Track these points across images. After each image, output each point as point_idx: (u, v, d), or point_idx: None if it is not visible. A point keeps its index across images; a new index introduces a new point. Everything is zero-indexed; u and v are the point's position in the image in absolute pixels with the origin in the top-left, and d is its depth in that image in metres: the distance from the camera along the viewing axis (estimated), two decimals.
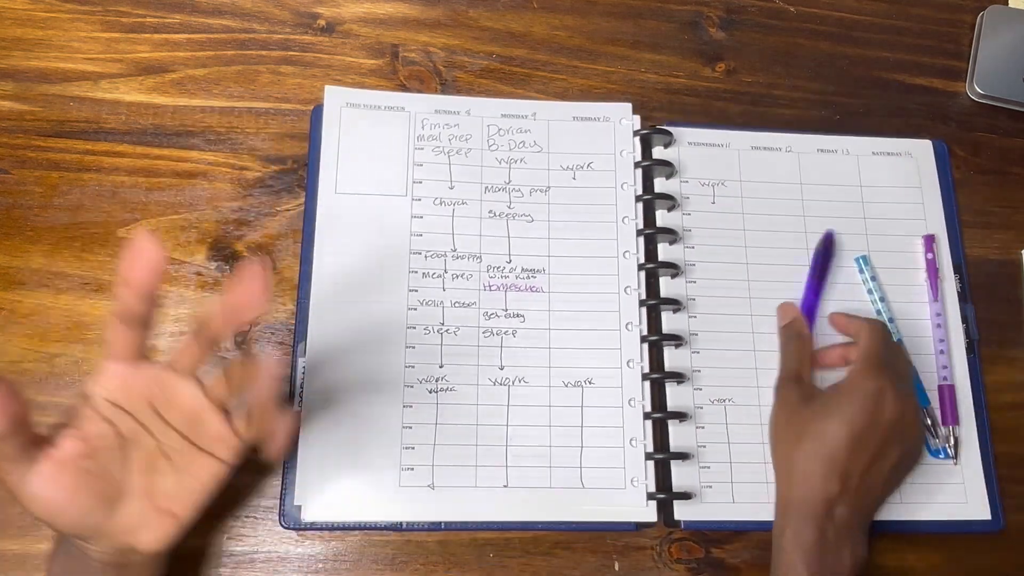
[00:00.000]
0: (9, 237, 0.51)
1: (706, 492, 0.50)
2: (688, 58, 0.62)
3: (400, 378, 0.50)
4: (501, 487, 0.49)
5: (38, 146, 0.53)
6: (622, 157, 0.57)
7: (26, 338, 0.50)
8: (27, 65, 0.55)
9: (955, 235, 0.58)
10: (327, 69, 0.58)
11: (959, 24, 0.66)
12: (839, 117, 0.62)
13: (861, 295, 0.56)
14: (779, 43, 0.63)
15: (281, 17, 0.59)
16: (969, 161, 0.62)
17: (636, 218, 0.55)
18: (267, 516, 0.48)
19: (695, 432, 0.51)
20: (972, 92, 0.63)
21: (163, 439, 0.39)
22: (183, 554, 0.46)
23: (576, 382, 0.51)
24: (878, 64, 0.64)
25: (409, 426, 0.49)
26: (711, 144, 0.58)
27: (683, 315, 0.54)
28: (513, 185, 0.55)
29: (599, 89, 0.60)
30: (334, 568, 0.48)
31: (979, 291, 0.58)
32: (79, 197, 0.53)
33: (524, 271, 0.53)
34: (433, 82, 0.59)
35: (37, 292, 0.51)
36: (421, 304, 0.52)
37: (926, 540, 0.52)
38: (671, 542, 0.50)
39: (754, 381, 0.53)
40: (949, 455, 0.53)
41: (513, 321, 0.52)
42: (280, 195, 0.54)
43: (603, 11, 0.62)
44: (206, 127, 0.55)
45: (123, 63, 0.56)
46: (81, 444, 0.37)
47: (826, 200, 0.58)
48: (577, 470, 0.49)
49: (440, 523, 0.48)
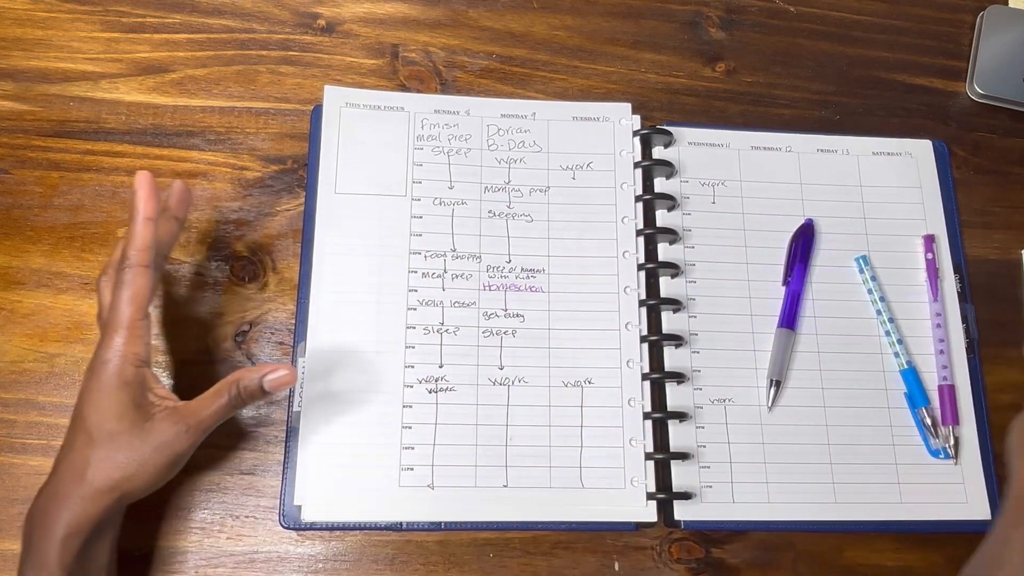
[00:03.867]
0: (9, 237, 0.51)
1: (706, 492, 0.50)
2: (688, 58, 0.62)
3: (400, 378, 0.50)
4: (501, 487, 0.49)
5: (38, 146, 0.53)
6: (622, 157, 0.57)
7: (26, 338, 0.50)
8: (27, 65, 0.55)
9: (955, 235, 0.58)
10: (327, 69, 0.58)
11: (959, 24, 0.66)
12: (839, 117, 0.62)
13: (861, 295, 0.56)
14: (779, 43, 0.63)
15: (281, 17, 0.59)
16: (969, 161, 0.62)
17: (636, 218, 0.55)
18: (267, 516, 0.48)
19: (695, 432, 0.51)
20: (972, 92, 0.63)
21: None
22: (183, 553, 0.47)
23: (576, 382, 0.51)
24: (878, 64, 0.64)
25: (409, 426, 0.49)
26: (711, 144, 0.58)
27: (683, 315, 0.54)
28: (513, 185, 0.55)
29: (599, 89, 0.60)
30: (334, 568, 0.48)
31: (979, 291, 0.58)
32: (79, 197, 0.53)
33: (524, 271, 0.53)
34: (433, 82, 0.59)
35: (37, 292, 0.51)
36: (421, 304, 0.52)
37: (926, 540, 0.52)
38: (671, 542, 0.50)
39: (754, 381, 0.53)
40: (949, 455, 0.53)
41: (513, 321, 0.52)
42: (280, 195, 0.54)
43: (603, 11, 0.62)
44: (206, 127, 0.55)
45: (123, 63, 0.56)
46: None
47: (826, 200, 0.58)
48: (577, 470, 0.49)
49: (440, 523, 0.48)
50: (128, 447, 0.40)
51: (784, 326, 0.54)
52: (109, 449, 0.39)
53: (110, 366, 0.40)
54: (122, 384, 0.40)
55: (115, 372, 0.40)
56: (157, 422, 0.40)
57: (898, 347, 0.54)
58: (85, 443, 0.40)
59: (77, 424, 0.41)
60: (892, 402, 0.53)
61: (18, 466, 0.47)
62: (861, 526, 0.51)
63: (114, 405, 0.40)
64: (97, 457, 0.39)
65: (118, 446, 0.40)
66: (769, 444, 0.52)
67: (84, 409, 0.40)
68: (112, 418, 0.40)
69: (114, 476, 0.39)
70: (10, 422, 0.48)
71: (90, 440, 0.40)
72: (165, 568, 0.46)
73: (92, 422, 0.40)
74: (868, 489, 0.51)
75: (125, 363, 0.40)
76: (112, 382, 0.40)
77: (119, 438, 0.40)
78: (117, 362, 0.40)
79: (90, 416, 0.40)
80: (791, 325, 0.54)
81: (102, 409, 0.40)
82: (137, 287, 0.41)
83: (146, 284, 0.42)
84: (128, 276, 0.41)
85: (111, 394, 0.40)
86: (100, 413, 0.40)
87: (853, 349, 0.54)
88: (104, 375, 0.40)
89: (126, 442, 0.40)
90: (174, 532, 0.47)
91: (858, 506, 0.51)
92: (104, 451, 0.39)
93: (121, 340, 0.41)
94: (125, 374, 0.40)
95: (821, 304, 0.55)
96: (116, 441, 0.40)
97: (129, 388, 0.40)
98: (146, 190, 0.42)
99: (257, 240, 0.53)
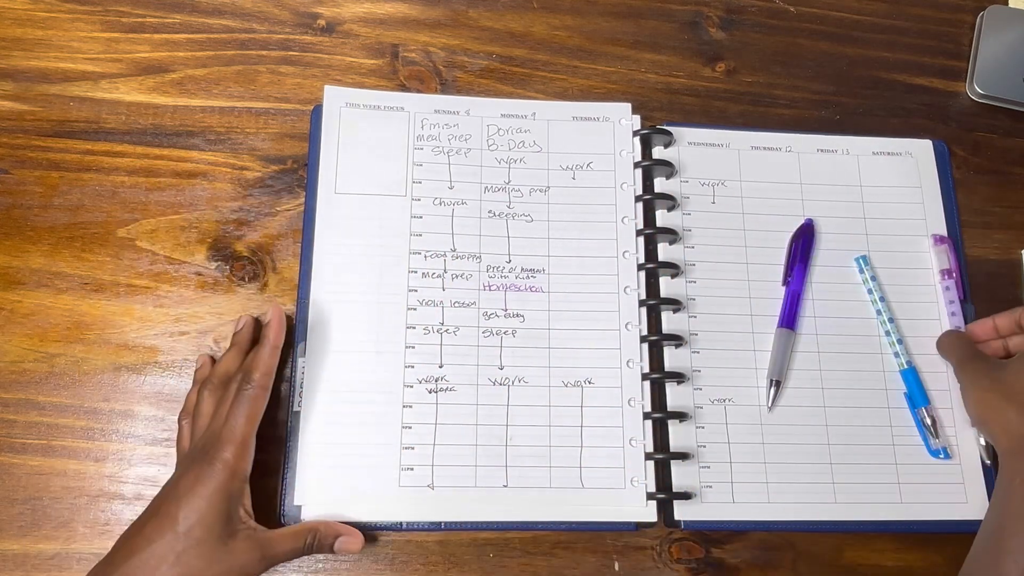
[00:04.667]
0: (9, 237, 0.51)
1: (706, 492, 0.50)
2: (688, 58, 0.62)
3: (400, 378, 0.50)
4: (501, 487, 0.49)
5: (38, 146, 0.53)
6: (622, 157, 0.57)
7: (26, 338, 0.50)
8: (27, 65, 0.55)
9: (955, 235, 0.58)
10: (327, 69, 0.58)
11: (959, 24, 0.66)
12: (839, 117, 0.62)
13: (861, 295, 0.56)
14: (779, 43, 0.63)
15: (281, 17, 0.59)
16: (969, 161, 0.62)
17: (636, 218, 0.55)
18: (267, 516, 0.48)
19: (695, 432, 0.51)
20: (972, 92, 0.63)
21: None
22: None
23: (576, 382, 0.51)
24: (878, 64, 0.64)
25: (409, 426, 0.49)
26: (711, 144, 0.58)
27: (683, 315, 0.54)
28: (513, 185, 0.55)
29: (599, 89, 0.60)
30: (334, 568, 0.48)
31: (979, 291, 0.58)
32: (79, 197, 0.53)
33: (524, 271, 0.53)
34: (433, 82, 0.59)
35: (37, 292, 0.51)
36: (421, 304, 0.52)
37: (926, 540, 0.52)
38: (671, 542, 0.50)
39: (754, 381, 0.53)
40: (949, 455, 0.53)
41: (513, 321, 0.52)
42: (280, 195, 0.54)
43: (603, 11, 0.62)
44: (206, 127, 0.55)
45: (123, 63, 0.56)
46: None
47: (826, 200, 0.58)
48: (577, 470, 0.49)
49: (440, 523, 0.48)
50: (208, 558, 0.41)
51: (784, 326, 0.54)
52: (191, 556, 0.40)
53: (220, 477, 0.42)
54: (226, 496, 0.42)
55: (223, 484, 0.42)
56: (239, 542, 0.42)
57: (898, 347, 0.54)
58: (172, 539, 0.40)
59: (165, 519, 0.41)
60: (892, 402, 0.53)
61: (18, 466, 0.47)
62: (861, 526, 0.51)
63: (210, 514, 0.41)
64: (178, 559, 0.40)
65: (199, 554, 0.40)
66: (769, 444, 0.52)
67: (176, 507, 0.41)
68: (204, 526, 0.41)
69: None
70: (10, 422, 0.48)
71: (176, 538, 0.40)
72: None
73: (183, 523, 0.41)
74: (868, 489, 0.51)
75: (234, 477, 0.42)
76: (218, 492, 0.41)
77: (203, 547, 0.41)
78: (227, 474, 0.42)
79: (183, 517, 0.41)
80: (791, 325, 0.54)
81: (199, 514, 0.41)
82: (256, 408, 0.44)
83: (262, 406, 0.45)
84: (249, 395, 0.44)
85: (213, 503, 0.41)
86: (195, 517, 0.41)
87: (853, 349, 0.54)
88: (211, 483, 0.42)
89: (207, 553, 0.41)
90: None
91: (858, 506, 0.51)
92: (187, 555, 0.40)
93: (232, 454, 0.42)
94: (232, 488, 0.42)
95: (821, 304, 0.55)
96: (200, 548, 0.40)
97: (231, 501, 0.42)
98: (278, 321, 0.48)
99: (257, 240, 0.53)
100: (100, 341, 0.50)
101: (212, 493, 0.41)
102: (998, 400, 0.49)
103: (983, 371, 0.51)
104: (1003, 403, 0.49)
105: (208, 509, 0.41)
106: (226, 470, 0.42)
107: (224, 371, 0.47)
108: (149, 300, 0.51)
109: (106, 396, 0.49)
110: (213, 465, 0.42)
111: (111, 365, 0.50)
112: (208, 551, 0.40)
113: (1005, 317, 0.54)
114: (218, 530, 0.41)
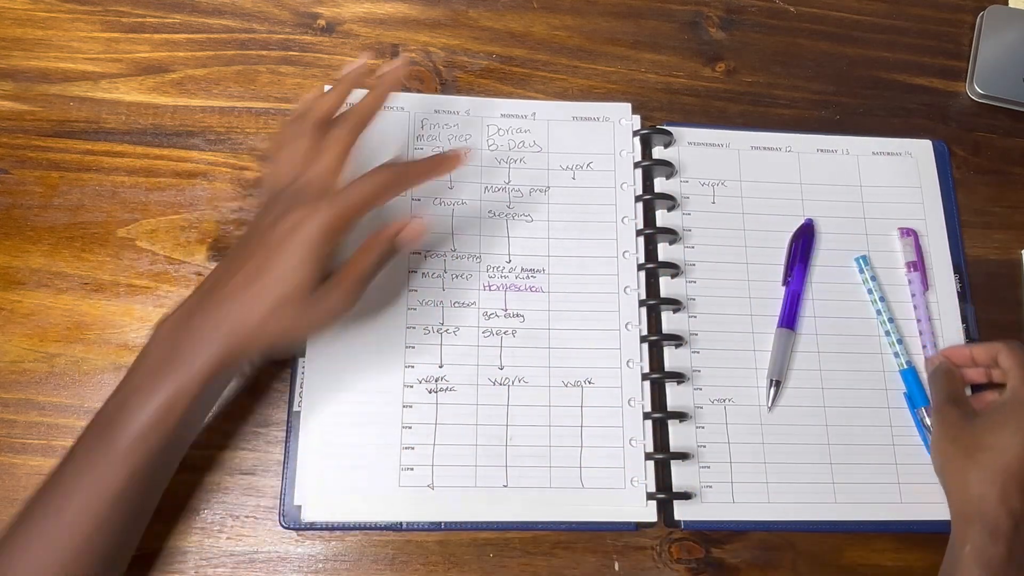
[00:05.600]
0: (9, 237, 0.51)
1: (706, 492, 0.50)
2: (688, 58, 0.62)
3: (400, 378, 0.50)
4: (501, 487, 0.49)
5: (38, 146, 0.53)
6: (622, 157, 0.57)
7: (26, 338, 0.50)
8: (27, 65, 0.55)
9: (955, 235, 0.58)
10: (327, 69, 0.58)
11: (959, 24, 0.66)
12: (839, 117, 0.62)
13: (861, 295, 0.56)
14: (779, 43, 0.63)
15: (281, 17, 0.59)
16: (969, 161, 0.62)
17: (636, 218, 0.55)
18: (267, 516, 0.48)
19: (695, 432, 0.51)
20: (972, 92, 0.63)
21: None
22: (183, 553, 0.47)
23: (576, 382, 0.51)
24: (878, 64, 0.64)
25: (409, 426, 0.49)
26: (711, 144, 0.58)
27: (683, 315, 0.54)
28: (513, 185, 0.55)
29: (599, 89, 0.60)
30: (334, 568, 0.48)
31: (979, 291, 0.58)
32: (79, 197, 0.53)
33: (524, 271, 0.53)
34: (433, 82, 0.59)
35: (37, 292, 0.51)
36: (421, 304, 0.52)
37: (926, 540, 0.51)
38: (671, 542, 0.50)
39: (754, 381, 0.53)
40: None
41: (513, 321, 0.52)
42: None
43: (603, 11, 0.62)
44: (206, 127, 0.55)
45: (123, 63, 0.56)
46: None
47: (826, 200, 0.58)
48: (577, 470, 0.49)
49: (440, 523, 0.48)
50: (306, 304, 0.41)
51: (784, 326, 0.54)
52: (292, 304, 0.40)
53: (324, 226, 0.41)
54: (328, 242, 0.41)
55: (327, 233, 0.41)
56: (331, 288, 0.42)
57: (898, 347, 0.54)
58: (272, 290, 0.40)
59: (262, 263, 0.41)
60: (892, 402, 0.53)
61: (18, 466, 0.47)
62: (861, 526, 0.51)
63: (312, 263, 0.41)
64: (281, 306, 0.40)
65: (299, 301, 0.41)
66: (769, 444, 0.52)
67: (276, 261, 0.40)
68: (308, 278, 0.41)
69: (285, 326, 0.41)
70: (10, 422, 0.48)
71: (276, 286, 0.40)
72: (165, 568, 0.46)
73: (280, 269, 0.40)
74: (868, 489, 0.51)
75: (339, 227, 0.42)
76: (319, 241, 0.41)
77: (304, 295, 0.41)
78: (333, 214, 0.41)
79: (282, 261, 0.40)
80: (791, 325, 0.54)
81: (304, 266, 0.40)
82: (346, 146, 0.44)
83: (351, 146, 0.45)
84: (341, 133, 0.44)
85: (315, 252, 0.41)
86: (301, 271, 0.40)
87: (853, 349, 0.54)
88: (313, 235, 0.41)
89: (308, 300, 0.41)
90: (174, 532, 0.47)
91: (858, 506, 0.51)
92: (290, 305, 0.40)
93: (335, 197, 0.42)
94: (335, 234, 0.41)
95: (821, 304, 0.55)
96: (300, 294, 0.40)
97: (331, 247, 0.41)
98: (397, 70, 0.47)
99: None
100: (100, 341, 0.50)
101: (313, 243, 0.40)
102: (959, 456, 0.48)
103: (953, 419, 0.49)
104: (963, 460, 0.47)
105: (310, 259, 0.40)
106: (332, 209, 0.41)
107: (327, 108, 0.46)
108: (149, 300, 0.51)
109: (106, 396, 0.49)
110: (317, 207, 0.41)
111: (111, 365, 0.50)
112: (308, 300, 0.41)
113: (983, 350, 0.52)
114: (316, 278, 0.41)
